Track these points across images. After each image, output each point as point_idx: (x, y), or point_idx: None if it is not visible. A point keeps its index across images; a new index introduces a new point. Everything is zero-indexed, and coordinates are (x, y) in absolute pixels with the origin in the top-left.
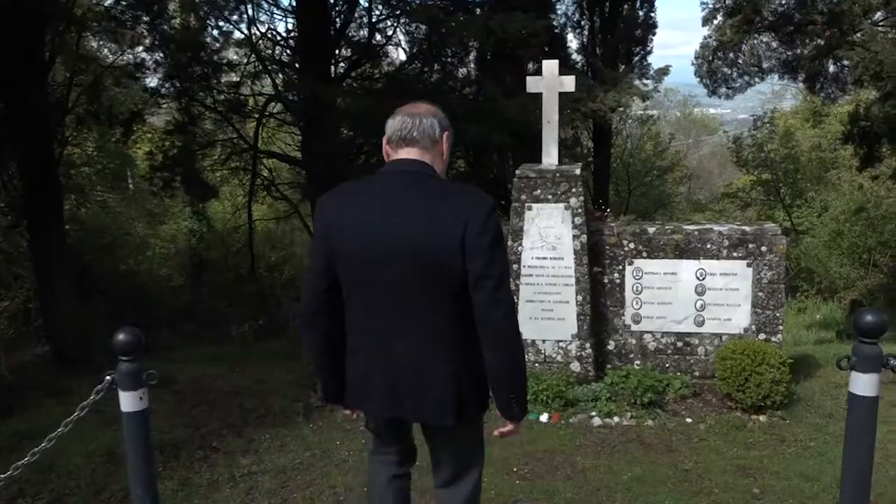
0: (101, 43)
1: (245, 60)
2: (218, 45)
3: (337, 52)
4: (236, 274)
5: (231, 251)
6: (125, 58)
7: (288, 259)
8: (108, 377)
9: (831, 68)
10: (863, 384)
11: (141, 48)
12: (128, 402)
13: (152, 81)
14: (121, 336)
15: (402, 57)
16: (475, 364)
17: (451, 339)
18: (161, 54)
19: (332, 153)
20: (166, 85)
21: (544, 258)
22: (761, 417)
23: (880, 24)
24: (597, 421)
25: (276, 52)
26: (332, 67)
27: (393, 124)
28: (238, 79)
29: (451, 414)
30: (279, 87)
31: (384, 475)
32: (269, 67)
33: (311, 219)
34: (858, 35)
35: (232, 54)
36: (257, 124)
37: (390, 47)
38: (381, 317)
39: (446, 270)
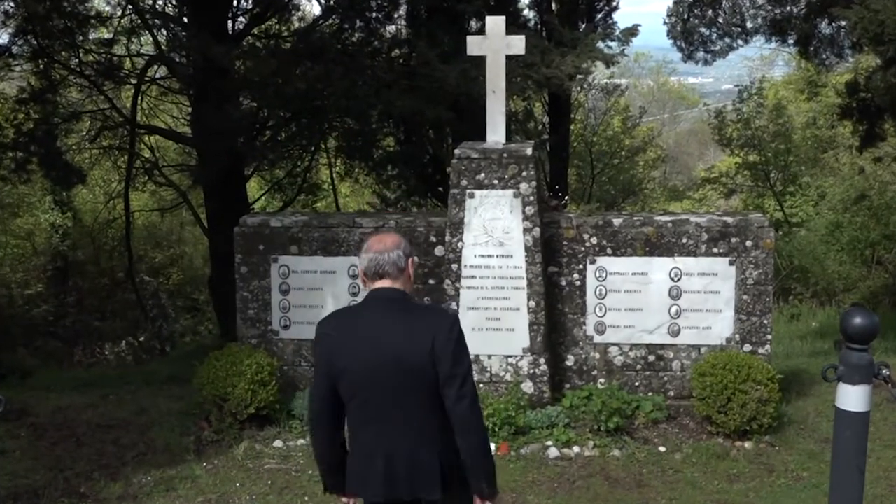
0: None
1: (119, 12)
2: None
3: (235, 3)
4: (111, 279)
5: (104, 250)
6: None
7: (176, 260)
8: None
9: (826, 29)
10: (851, 398)
11: None
12: None
13: (0, 38)
14: None
15: (317, 11)
16: (455, 448)
17: (433, 429)
18: (11, 3)
19: (229, 128)
20: (18, 42)
21: (489, 256)
22: (746, 444)
23: None
24: (553, 452)
25: (159, 2)
26: (230, 22)
27: (365, 259)
28: (111, 35)
29: (439, 490)
30: (162, 47)
31: None
32: (150, 21)
33: (204, 209)
34: None
35: (102, 4)
36: (135, 92)
37: None
38: (376, 415)
39: (423, 374)
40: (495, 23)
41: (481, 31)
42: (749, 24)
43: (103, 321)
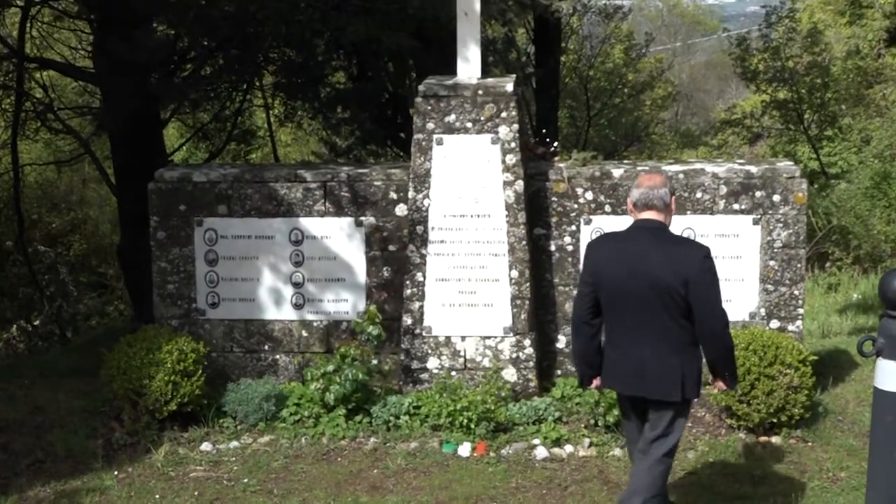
0: None
1: None
2: None
3: None
4: None
5: None
6: None
7: (78, 225)
8: None
9: None
10: (893, 376)
11: None
12: None
13: None
14: None
15: None
16: (692, 360)
17: (677, 342)
18: None
19: (140, 61)
20: None
21: (462, 216)
22: (773, 439)
23: None
24: (541, 452)
25: None
26: None
27: (637, 193)
28: None
29: (679, 393)
30: None
31: (635, 435)
32: None
33: (111, 162)
34: None
35: None
36: (23, 17)
37: None
38: (630, 325)
39: (674, 295)
40: None
41: None
42: None
43: None
